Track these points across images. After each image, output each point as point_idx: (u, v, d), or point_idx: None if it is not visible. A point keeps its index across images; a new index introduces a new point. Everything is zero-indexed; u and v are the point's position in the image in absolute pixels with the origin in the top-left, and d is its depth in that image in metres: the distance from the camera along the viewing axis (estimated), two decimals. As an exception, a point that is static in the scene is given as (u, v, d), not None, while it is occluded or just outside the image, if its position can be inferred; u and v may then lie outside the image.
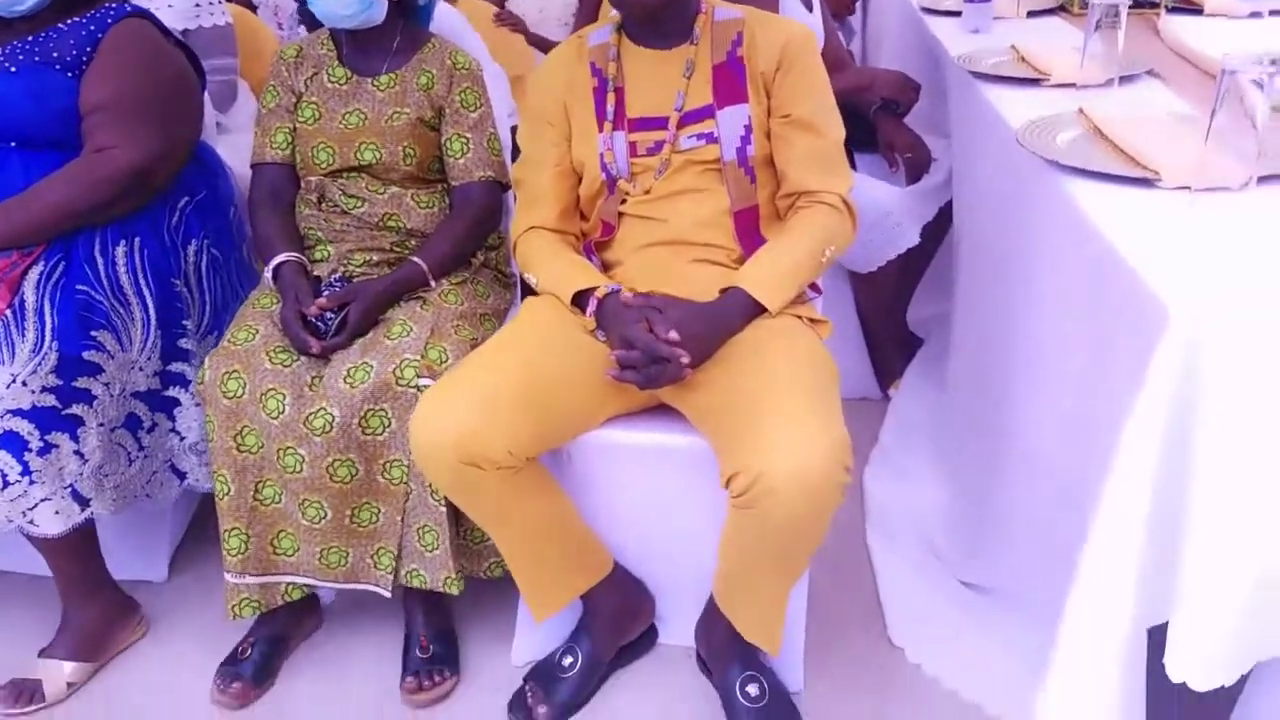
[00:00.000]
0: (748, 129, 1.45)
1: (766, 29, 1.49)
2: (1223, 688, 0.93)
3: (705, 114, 1.46)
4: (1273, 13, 2.21)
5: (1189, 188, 1.17)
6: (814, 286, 1.55)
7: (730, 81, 1.46)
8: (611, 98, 1.46)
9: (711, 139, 1.45)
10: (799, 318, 1.45)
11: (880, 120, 2.17)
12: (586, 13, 2.41)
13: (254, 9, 2.66)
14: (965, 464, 1.78)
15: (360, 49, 1.69)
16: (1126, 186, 1.21)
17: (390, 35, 1.68)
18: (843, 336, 2.23)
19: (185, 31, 2.08)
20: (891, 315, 2.26)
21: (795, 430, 1.22)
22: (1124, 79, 1.62)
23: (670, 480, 1.45)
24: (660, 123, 1.46)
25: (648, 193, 1.47)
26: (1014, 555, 1.52)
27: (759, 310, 1.38)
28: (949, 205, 2.10)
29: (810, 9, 2.14)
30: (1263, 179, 1.16)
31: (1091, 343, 1.15)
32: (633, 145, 1.46)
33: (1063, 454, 1.28)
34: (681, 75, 1.47)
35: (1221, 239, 1.07)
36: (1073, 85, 1.64)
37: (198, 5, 2.12)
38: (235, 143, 1.98)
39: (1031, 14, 2.27)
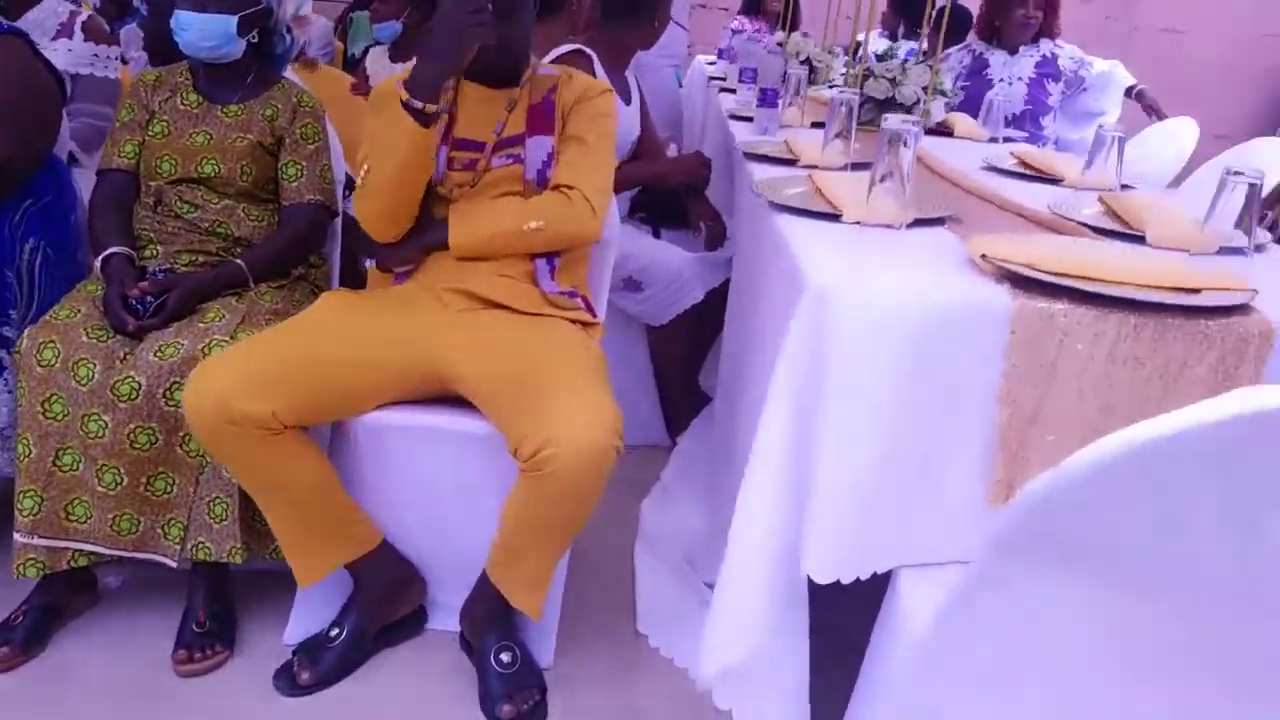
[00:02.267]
0: (550, 155, 1.73)
1: (575, 81, 1.79)
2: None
3: (517, 141, 1.73)
4: (1007, 139, 2.66)
5: (859, 223, 1.46)
6: (585, 303, 1.77)
7: (542, 118, 1.75)
8: (443, 119, 1.70)
9: (519, 160, 1.71)
10: (571, 321, 1.68)
11: (687, 198, 2.50)
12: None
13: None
14: (719, 485, 2.00)
15: (215, 80, 1.88)
16: (820, 221, 1.50)
17: (244, 71, 1.88)
18: (638, 386, 2.48)
19: (76, 75, 2.25)
20: (683, 369, 2.52)
21: (576, 401, 1.42)
22: (856, 165, 1.96)
23: (449, 464, 1.60)
24: (479, 146, 1.71)
25: (460, 198, 1.71)
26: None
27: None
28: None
29: (629, 102, 2.47)
30: (916, 222, 1.47)
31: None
32: (451, 160, 1.70)
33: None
34: (504, 109, 1.74)
35: (870, 256, 1.35)
36: (815, 166, 1.97)
37: (95, 55, 2.30)
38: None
39: (814, 124, 2.65)
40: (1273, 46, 6.85)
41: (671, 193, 2.55)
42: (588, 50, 2.35)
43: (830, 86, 3.85)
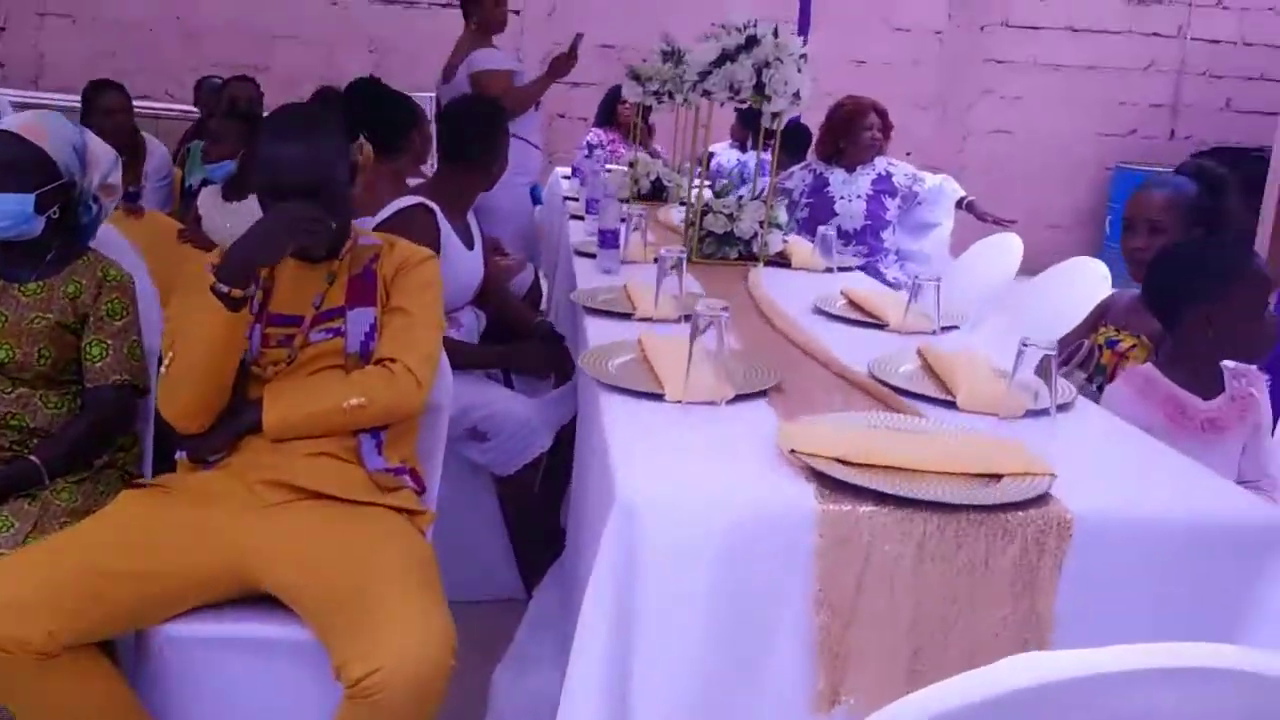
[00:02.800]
0: (372, 327, 1.67)
1: (397, 249, 1.74)
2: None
3: (337, 313, 1.66)
4: (841, 269, 2.75)
5: (680, 401, 1.45)
6: (415, 478, 1.70)
7: (363, 289, 1.69)
8: (259, 295, 1.62)
9: (339, 333, 1.65)
10: (398, 510, 1.60)
11: (538, 341, 2.48)
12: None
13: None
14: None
15: (13, 258, 1.75)
16: (644, 400, 1.48)
17: (45, 247, 1.77)
18: (488, 535, 2.40)
19: None
20: (536, 517, 2.45)
21: (405, 614, 1.33)
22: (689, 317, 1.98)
23: (265, 679, 1.47)
24: (296, 320, 1.64)
25: (276, 376, 1.62)
26: None
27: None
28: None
29: (471, 246, 2.45)
30: (737, 398, 1.47)
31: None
32: (266, 336, 1.63)
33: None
34: (324, 281, 1.68)
35: (686, 449, 1.34)
36: (650, 319, 1.97)
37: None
38: None
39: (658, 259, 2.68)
40: (1100, 145, 7.44)
41: (523, 335, 2.53)
42: (429, 203, 2.33)
43: (681, 204, 3.96)
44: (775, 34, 2.58)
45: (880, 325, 2.06)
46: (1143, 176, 7.01)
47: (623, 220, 2.63)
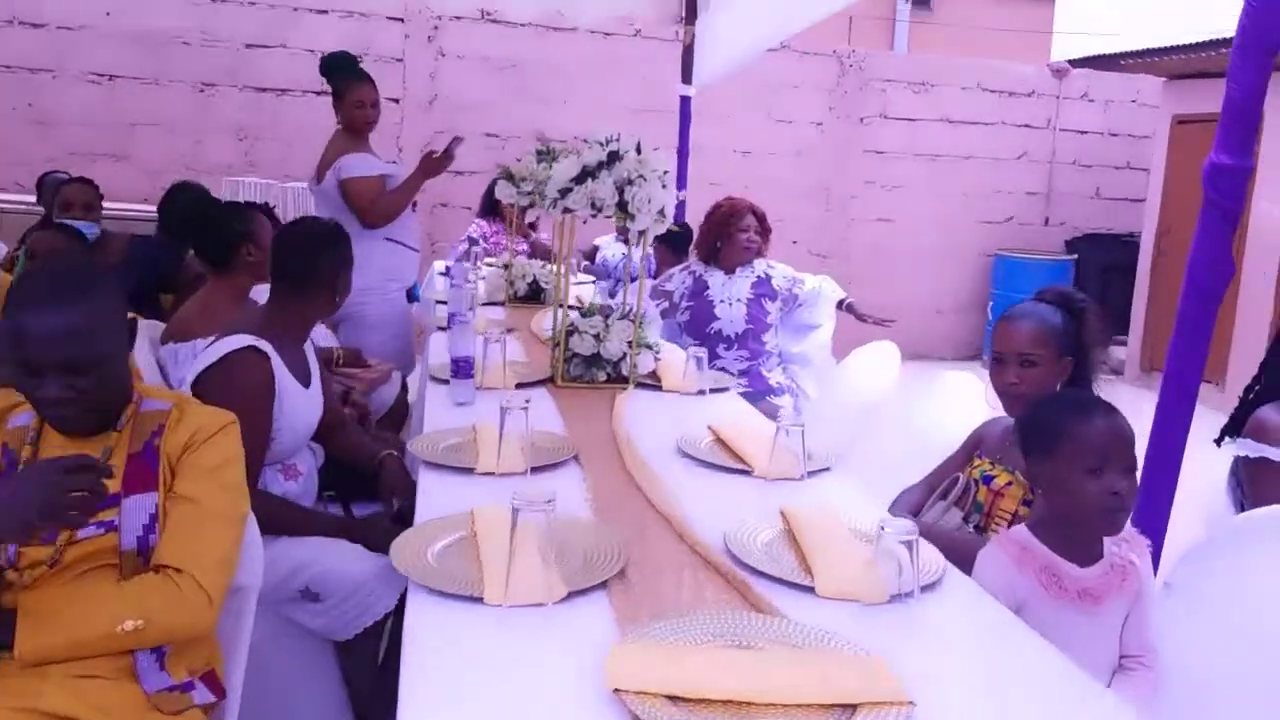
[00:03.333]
0: (152, 518, 1.42)
1: (188, 416, 1.50)
2: None
3: (111, 502, 1.41)
4: (714, 390, 2.62)
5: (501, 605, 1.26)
6: (212, 683, 1.45)
7: (143, 470, 1.44)
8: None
9: (112, 527, 1.40)
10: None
11: (382, 467, 2.25)
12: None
13: None
14: None
15: None
16: (458, 603, 1.28)
17: None
18: (327, 706, 2.13)
19: None
20: (378, 692, 2.19)
21: None
22: (537, 468, 1.80)
23: None
24: None
25: (36, 582, 1.36)
26: None
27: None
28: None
29: (308, 382, 2.22)
30: (572, 594, 1.28)
31: None
32: None
33: None
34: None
35: (499, 677, 1.13)
36: (492, 473, 1.78)
37: None
38: None
39: (520, 385, 2.50)
40: (979, 232, 7.64)
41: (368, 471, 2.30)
42: (260, 345, 2.09)
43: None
44: (638, 149, 2.47)
45: (746, 470, 1.91)
46: (1021, 263, 7.32)
47: (488, 339, 2.45)
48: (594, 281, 4.87)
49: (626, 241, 5.24)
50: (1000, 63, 7.56)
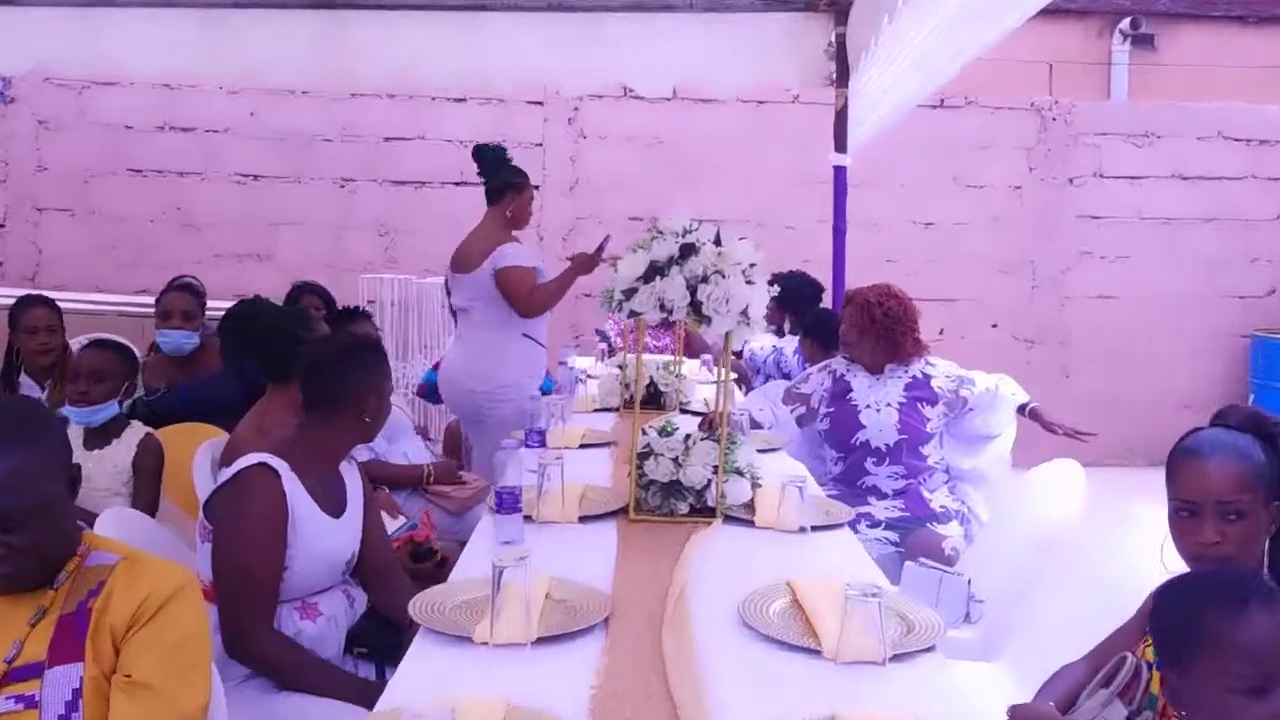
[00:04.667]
0: (76, 693, 1.35)
1: (137, 575, 1.43)
2: None
3: (34, 672, 1.35)
4: (818, 527, 2.34)
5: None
6: None
7: (70, 636, 1.38)
8: None
9: (32, 703, 1.33)
10: None
11: None
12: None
13: None
14: None
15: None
16: None
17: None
18: None
19: None
20: None
21: None
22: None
23: None
24: None
25: None
26: None
27: None
28: None
29: (339, 514, 2.15)
30: None
31: None
32: None
33: None
34: (27, 622, 1.38)
35: None
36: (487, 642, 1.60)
37: None
38: None
39: (586, 518, 2.33)
40: (1234, 309, 6.86)
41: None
42: (272, 461, 2.05)
43: (682, 411, 3.62)
44: (717, 240, 2.29)
45: (814, 650, 1.63)
46: (1290, 345, 6.47)
47: (543, 461, 2.30)
48: (739, 381, 4.67)
49: (779, 332, 5.14)
50: (1245, 105, 6.86)
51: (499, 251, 3.85)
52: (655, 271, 2.27)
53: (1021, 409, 3.52)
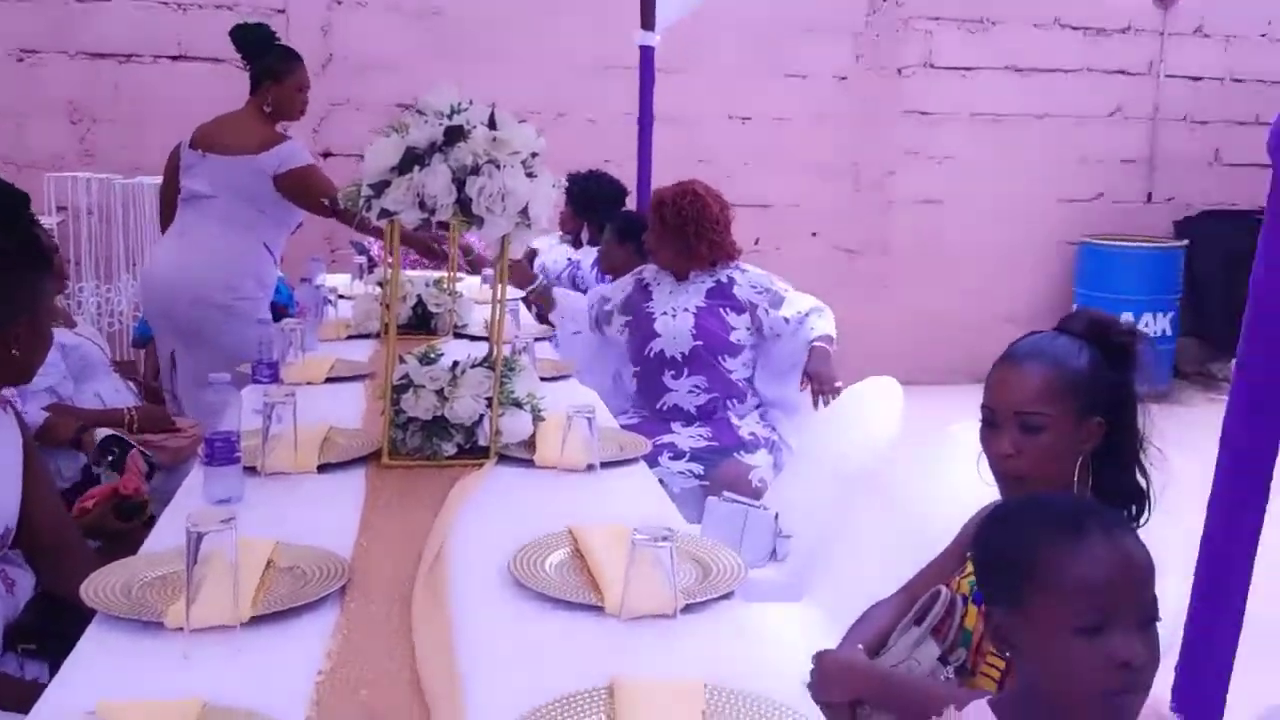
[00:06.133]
0: None
1: None
2: None
3: None
4: (612, 464, 2.30)
5: None
6: None
7: None
8: None
9: None
10: None
11: None
12: None
13: None
14: None
15: None
16: None
17: None
18: None
19: None
20: None
21: None
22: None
23: None
24: None
25: None
26: None
27: None
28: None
29: None
30: None
31: None
32: None
33: None
34: None
35: None
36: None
37: None
38: None
39: (327, 467, 2.19)
40: (1059, 214, 7.27)
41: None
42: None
43: (456, 336, 3.50)
44: (491, 123, 2.17)
45: (596, 606, 1.59)
46: (1116, 253, 6.95)
47: (268, 401, 2.14)
48: (523, 297, 4.57)
49: (575, 242, 5.07)
50: (1084, -9, 7.22)
51: (286, 150, 3.83)
52: (413, 161, 2.13)
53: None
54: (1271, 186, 1.46)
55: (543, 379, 2.78)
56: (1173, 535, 1.62)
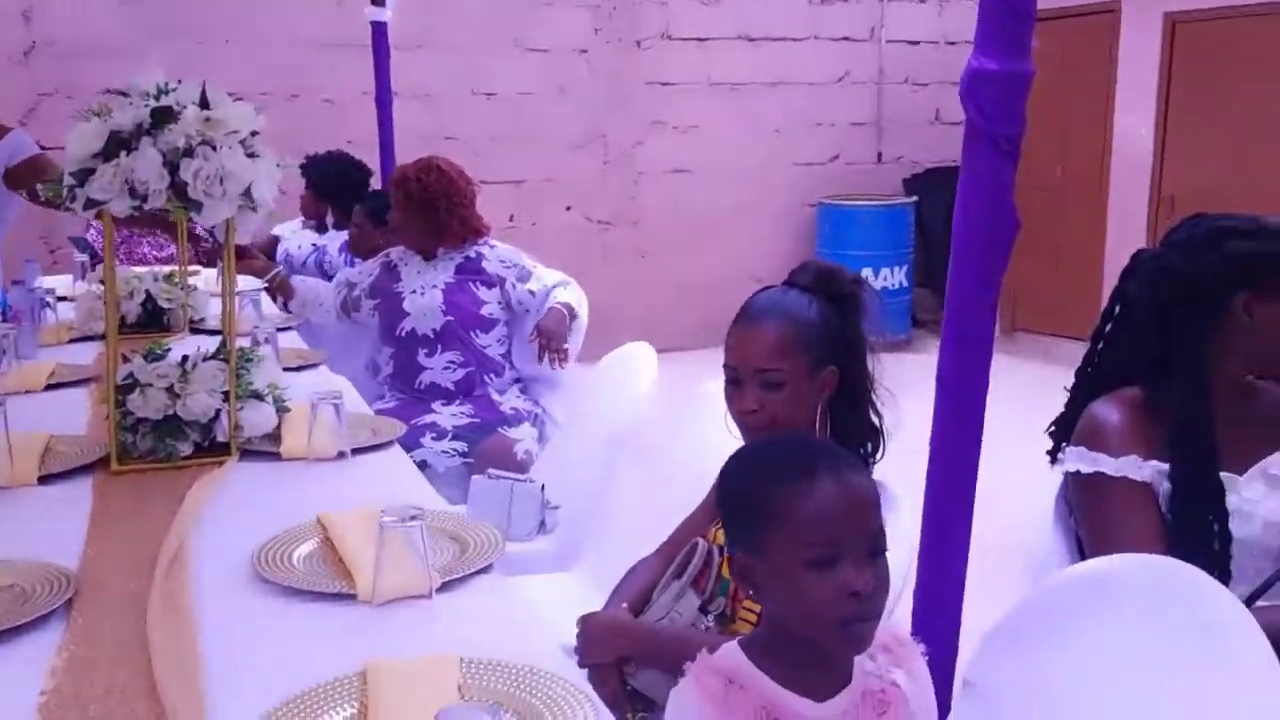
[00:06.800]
0: None
1: None
2: None
3: None
4: (364, 450, 2.24)
5: None
6: None
7: None
8: None
9: None
10: None
11: None
12: None
13: None
14: None
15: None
16: None
17: None
18: None
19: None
20: None
21: None
22: None
23: None
24: None
25: None
26: None
27: None
28: None
29: None
30: None
31: None
32: None
33: None
34: None
35: None
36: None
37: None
38: None
39: (48, 478, 2.04)
40: (801, 177, 7.57)
41: None
42: None
43: (193, 331, 3.32)
44: (203, 103, 2.06)
45: (348, 595, 1.55)
46: (850, 212, 7.30)
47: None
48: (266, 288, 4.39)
49: (319, 227, 4.90)
50: (807, -43, 7.52)
51: (15, 139, 3.69)
52: (119, 145, 2.00)
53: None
54: (965, 131, 1.55)
55: (288, 369, 2.69)
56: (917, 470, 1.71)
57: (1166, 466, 1.75)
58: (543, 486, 2.84)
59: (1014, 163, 1.52)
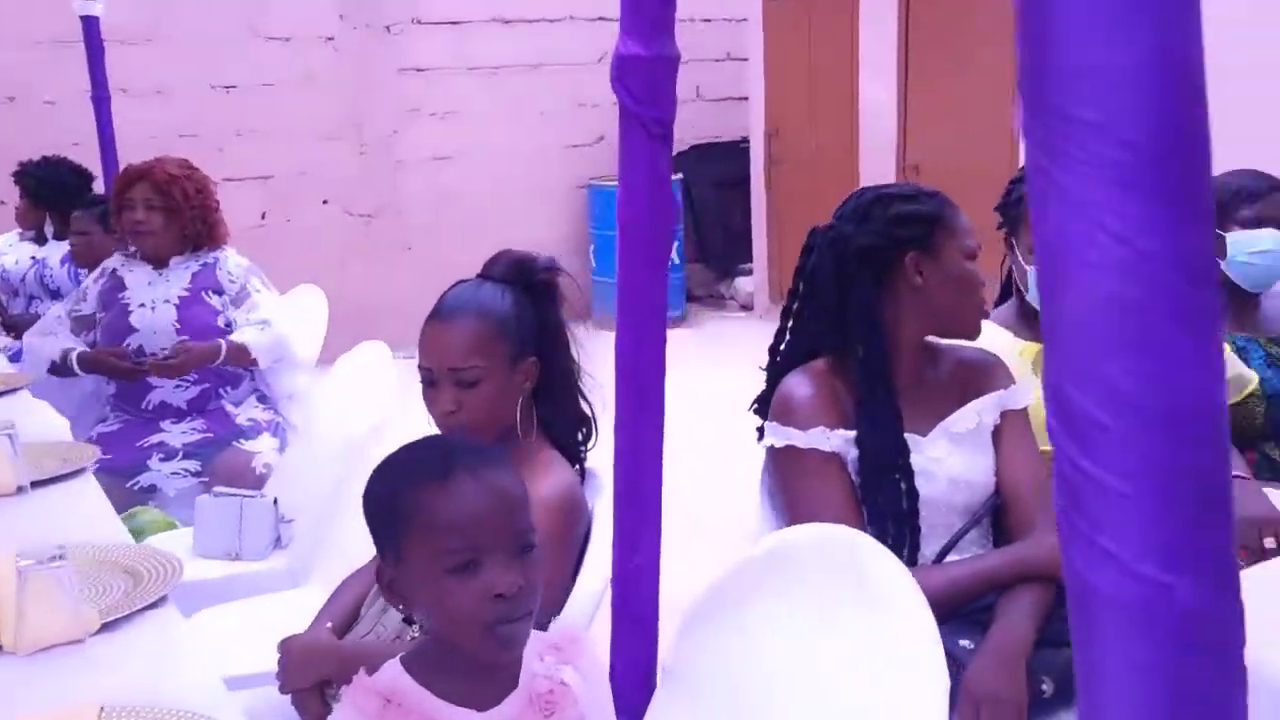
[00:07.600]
0: None
1: None
2: None
3: None
4: (40, 482, 2.09)
5: None
6: None
7: None
8: None
9: None
10: None
11: None
12: None
13: None
14: None
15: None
16: None
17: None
18: None
19: None
20: None
21: None
22: None
23: None
24: None
25: None
26: None
27: None
28: None
29: None
30: None
31: None
32: None
33: None
34: None
35: None
36: None
37: None
38: None
39: None
40: (568, 159, 7.54)
41: None
42: None
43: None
44: None
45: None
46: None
47: None
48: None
49: (39, 238, 4.58)
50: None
51: None
52: None
53: None
54: (620, 116, 1.54)
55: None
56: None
57: (854, 434, 1.80)
58: (275, 500, 2.73)
59: (668, 145, 1.53)
